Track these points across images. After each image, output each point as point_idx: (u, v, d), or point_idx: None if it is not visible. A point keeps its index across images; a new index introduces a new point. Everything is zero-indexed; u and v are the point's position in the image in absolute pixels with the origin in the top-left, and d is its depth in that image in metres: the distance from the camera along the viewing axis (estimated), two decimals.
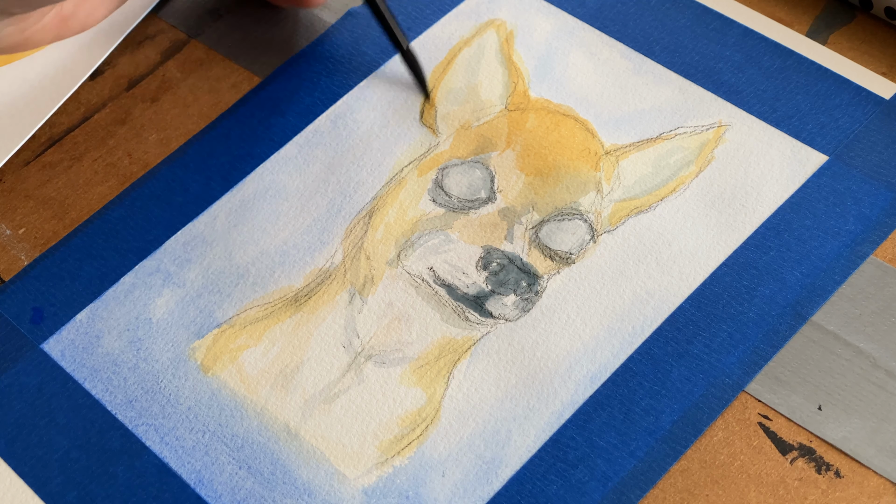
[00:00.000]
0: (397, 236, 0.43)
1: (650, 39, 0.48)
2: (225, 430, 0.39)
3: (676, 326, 0.40)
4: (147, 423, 0.40)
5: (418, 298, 0.41)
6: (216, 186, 0.45)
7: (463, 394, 0.39)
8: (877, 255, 0.42)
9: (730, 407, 0.39)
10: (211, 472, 0.38)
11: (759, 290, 0.41)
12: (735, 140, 0.45)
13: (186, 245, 0.44)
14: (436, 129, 0.46)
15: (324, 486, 0.38)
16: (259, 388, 0.40)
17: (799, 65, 0.47)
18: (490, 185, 0.44)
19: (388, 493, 0.38)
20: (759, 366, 0.39)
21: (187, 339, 0.41)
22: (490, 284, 0.42)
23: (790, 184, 0.44)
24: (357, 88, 0.48)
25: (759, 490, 0.37)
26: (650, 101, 0.46)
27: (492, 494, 0.37)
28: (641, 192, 0.44)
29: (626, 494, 0.37)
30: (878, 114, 0.45)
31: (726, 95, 0.46)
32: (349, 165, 0.45)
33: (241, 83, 0.49)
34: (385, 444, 0.39)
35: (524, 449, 0.38)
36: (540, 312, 0.41)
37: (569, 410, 0.39)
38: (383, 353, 0.40)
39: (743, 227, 0.43)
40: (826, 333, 0.40)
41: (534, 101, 0.47)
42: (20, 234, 0.45)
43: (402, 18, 0.50)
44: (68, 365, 0.41)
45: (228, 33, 0.50)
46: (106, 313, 0.42)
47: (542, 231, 0.43)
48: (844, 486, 0.37)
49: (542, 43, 0.48)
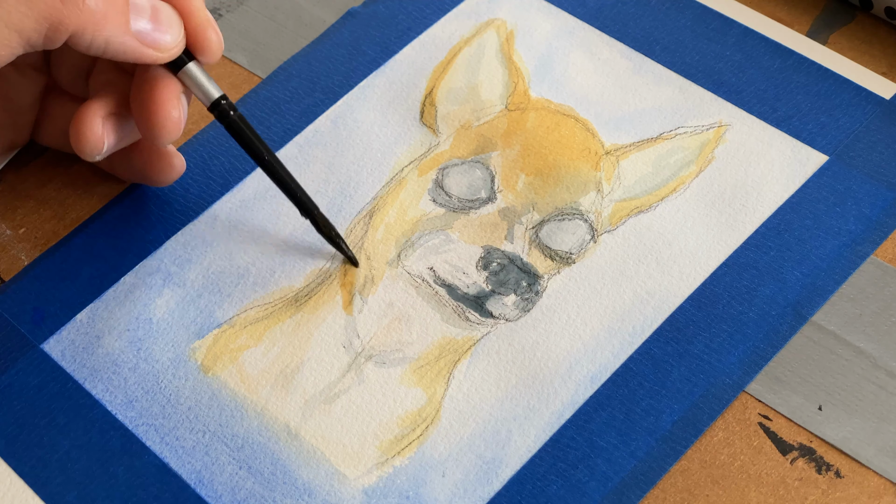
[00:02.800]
0: (397, 236, 0.43)
1: (650, 39, 0.48)
2: (225, 431, 0.39)
3: (676, 326, 0.40)
4: (147, 423, 0.40)
5: (418, 298, 0.41)
6: (216, 186, 0.45)
7: (463, 394, 0.39)
8: (877, 255, 0.42)
9: (730, 407, 0.39)
10: (211, 472, 0.38)
11: (759, 290, 0.41)
12: (735, 140, 0.45)
13: (187, 245, 0.44)
14: (436, 129, 0.46)
15: (324, 487, 0.38)
16: (259, 389, 0.40)
17: (799, 65, 0.47)
18: (490, 184, 0.44)
19: (389, 493, 0.38)
20: (759, 366, 0.39)
21: (187, 340, 0.41)
22: (490, 284, 0.42)
23: (790, 184, 0.44)
24: (357, 88, 0.48)
25: (760, 490, 0.37)
26: (650, 101, 0.46)
27: (492, 494, 0.37)
28: (642, 192, 0.44)
29: (627, 494, 0.37)
30: (878, 114, 0.45)
31: (726, 95, 0.46)
32: (349, 165, 0.45)
33: (241, 83, 0.49)
34: (385, 445, 0.39)
35: (524, 449, 0.38)
36: (540, 312, 0.41)
37: (569, 410, 0.39)
38: (383, 354, 0.40)
39: (743, 227, 0.43)
40: (826, 333, 0.40)
41: (534, 100, 0.47)
42: (20, 234, 0.45)
43: (402, 18, 0.50)
44: (68, 365, 0.41)
45: (228, 33, 0.50)
46: (106, 313, 0.42)
47: (543, 231, 0.43)
48: (844, 486, 0.37)
49: (543, 43, 0.48)
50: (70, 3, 0.37)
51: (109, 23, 0.38)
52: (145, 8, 0.39)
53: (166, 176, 0.44)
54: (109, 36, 0.38)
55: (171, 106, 0.40)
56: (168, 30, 0.39)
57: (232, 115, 0.41)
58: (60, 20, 0.37)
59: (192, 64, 0.41)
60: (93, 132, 0.41)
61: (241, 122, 0.41)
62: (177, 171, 0.44)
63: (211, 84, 0.41)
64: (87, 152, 0.41)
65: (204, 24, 0.40)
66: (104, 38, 0.38)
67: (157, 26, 0.39)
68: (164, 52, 0.39)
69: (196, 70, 0.41)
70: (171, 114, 0.40)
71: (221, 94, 0.41)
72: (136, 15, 0.39)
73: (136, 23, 0.39)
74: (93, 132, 0.41)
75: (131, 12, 0.38)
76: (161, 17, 0.39)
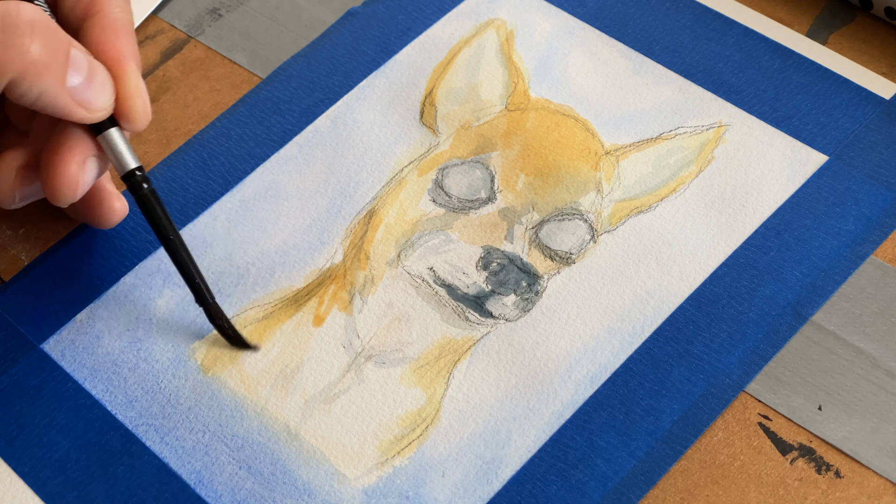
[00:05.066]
0: (397, 236, 0.43)
1: (650, 39, 0.48)
2: (225, 431, 0.39)
3: (676, 326, 0.40)
4: (147, 423, 0.40)
5: (418, 298, 0.41)
6: (216, 186, 0.45)
7: (463, 394, 0.39)
8: (877, 255, 0.42)
9: (730, 407, 0.39)
10: (211, 472, 0.38)
11: (759, 290, 0.41)
12: (735, 140, 0.45)
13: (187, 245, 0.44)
14: (436, 129, 0.46)
15: (324, 487, 0.38)
16: (259, 389, 0.40)
17: (799, 65, 0.47)
18: (490, 185, 0.44)
19: (388, 494, 0.38)
20: (759, 366, 0.39)
21: (187, 340, 0.41)
22: (490, 284, 0.42)
23: (790, 184, 0.44)
24: (357, 88, 0.48)
25: (759, 490, 0.37)
26: (650, 101, 0.46)
27: (492, 495, 0.37)
28: (641, 192, 0.44)
29: (626, 494, 0.37)
30: (878, 114, 0.45)
31: (726, 95, 0.46)
32: (349, 165, 0.45)
33: (241, 83, 0.49)
34: (385, 445, 0.39)
35: (524, 449, 0.38)
36: (540, 312, 0.41)
37: (569, 410, 0.39)
38: (383, 354, 0.40)
39: (743, 227, 0.43)
40: (826, 333, 0.40)
41: (534, 100, 0.47)
42: (20, 234, 0.45)
43: (402, 18, 0.50)
44: (68, 365, 0.41)
45: (228, 33, 0.50)
46: (106, 313, 0.42)
47: (543, 231, 0.43)
48: (844, 486, 0.37)
49: (543, 43, 0.48)
50: (14, 48, 0.36)
51: (48, 74, 0.37)
52: (83, 65, 0.38)
53: (106, 220, 0.43)
54: (45, 87, 0.37)
55: (73, 166, 0.39)
56: (101, 92, 0.38)
57: (144, 190, 0.40)
58: (2, 64, 0.36)
59: (114, 129, 0.40)
60: (4, 183, 0.40)
61: (152, 196, 0.40)
62: (118, 216, 0.43)
63: (129, 153, 0.40)
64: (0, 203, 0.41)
65: (133, 92, 0.39)
66: (40, 88, 0.37)
67: (90, 85, 0.38)
68: (92, 114, 0.38)
69: (116, 136, 0.40)
70: (69, 174, 0.39)
71: (138, 164, 0.40)
72: (74, 70, 0.38)
73: (72, 78, 0.37)
74: (4, 183, 0.40)
75: (70, 67, 0.37)
76: (96, 77, 0.38)
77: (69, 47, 0.38)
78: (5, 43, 0.36)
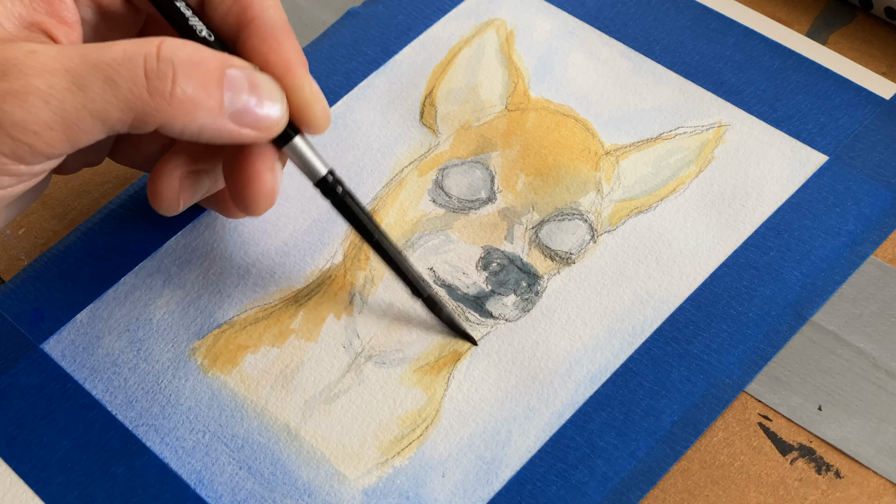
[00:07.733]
0: (397, 237, 0.43)
1: (650, 39, 0.48)
2: (225, 431, 0.39)
3: (676, 326, 0.40)
4: (147, 424, 0.40)
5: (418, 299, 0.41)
6: None
7: (463, 394, 0.39)
8: (877, 255, 0.42)
9: (730, 407, 0.39)
10: (211, 472, 0.38)
11: (759, 290, 0.41)
12: (735, 140, 0.45)
13: (187, 246, 0.44)
14: (436, 129, 0.46)
15: (324, 487, 0.38)
16: (259, 389, 0.40)
17: (799, 65, 0.47)
18: (490, 185, 0.44)
19: (388, 494, 0.38)
20: (759, 366, 0.39)
21: (187, 340, 0.41)
22: (490, 285, 0.42)
23: (790, 184, 0.44)
24: (357, 88, 0.48)
25: (759, 490, 0.37)
26: (650, 101, 0.46)
27: (492, 495, 0.37)
28: (641, 192, 0.44)
29: (626, 495, 0.37)
30: (878, 114, 0.45)
31: (726, 95, 0.46)
32: (349, 165, 0.45)
33: None
34: (385, 445, 0.39)
35: (524, 449, 0.38)
36: (540, 312, 0.41)
37: (569, 411, 0.39)
38: (383, 354, 0.40)
39: (743, 227, 0.43)
40: (826, 333, 0.40)
41: (534, 101, 0.47)
42: (20, 234, 0.45)
43: (402, 18, 0.50)
44: (68, 365, 0.41)
45: None
46: (106, 313, 0.42)
47: (542, 231, 0.43)
48: (844, 486, 0.37)
49: (543, 43, 0.48)
50: (157, 94, 0.33)
51: (201, 110, 0.34)
52: (242, 85, 0.35)
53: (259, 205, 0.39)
54: (202, 123, 0.34)
55: (266, 178, 0.37)
56: (269, 109, 0.36)
57: (339, 194, 0.38)
58: (147, 112, 0.34)
59: (298, 138, 0.37)
60: (169, 190, 0.39)
61: (348, 199, 0.38)
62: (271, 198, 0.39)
63: (317, 159, 0.38)
64: (163, 210, 0.39)
65: (309, 99, 0.37)
66: (197, 125, 0.34)
67: (256, 105, 0.35)
68: (264, 133, 0.36)
69: (301, 145, 0.37)
70: (264, 187, 0.37)
71: (329, 169, 0.38)
72: (233, 93, 0.35)
73: (234, 101, 0.35)
74: (169, 190, 0.39)
75: (227, 89, 0.35)
76: (261, 94, 0.36)
77: (221, 73, 0.35)
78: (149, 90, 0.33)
